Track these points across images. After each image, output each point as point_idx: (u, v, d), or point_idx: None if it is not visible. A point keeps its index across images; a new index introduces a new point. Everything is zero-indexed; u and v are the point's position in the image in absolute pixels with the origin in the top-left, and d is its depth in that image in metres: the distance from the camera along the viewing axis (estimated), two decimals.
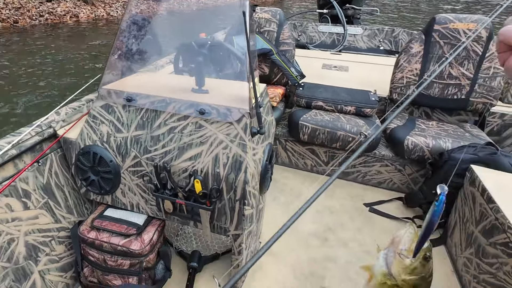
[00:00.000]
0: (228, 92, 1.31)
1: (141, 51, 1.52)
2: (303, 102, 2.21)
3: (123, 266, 1.28)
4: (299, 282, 1.42)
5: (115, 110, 1.27)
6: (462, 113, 2.24)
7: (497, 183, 1.39)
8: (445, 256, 1.60)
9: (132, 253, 1.26)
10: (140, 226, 1.32)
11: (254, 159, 1.20)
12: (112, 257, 1.27)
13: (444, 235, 1.68)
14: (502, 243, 1.19)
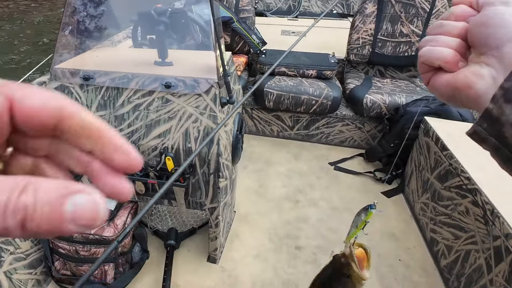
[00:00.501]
0: (193, 62, 1.21)
1: (95, 25, 1.34)
2: (266, 69, 2.15)
3: (97, 254, 1.19)
4: (275, 245, 1.43)
5: (72, 91, 1.13)
6: (412, 69, 2.29)
7: (449, 132, 1.45)
8: (404, 203, 1.68)
9: (106, 240, 1.17)
10: (111, 211, 1.23)
11: (225, 130, 1.14)
12: (85, 247, 1.18)
13: (401, 185, 1.76)
14: (456, 186, 1.26)
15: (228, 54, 1.36)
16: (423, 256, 1.38)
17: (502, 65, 0.28)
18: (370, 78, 2.22)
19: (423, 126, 1.59)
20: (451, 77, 0.31)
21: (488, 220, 1.05)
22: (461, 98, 0.31)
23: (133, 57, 1.30)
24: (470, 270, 1.11)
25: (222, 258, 1.37)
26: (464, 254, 1.15)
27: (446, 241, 1.28)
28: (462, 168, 1.23)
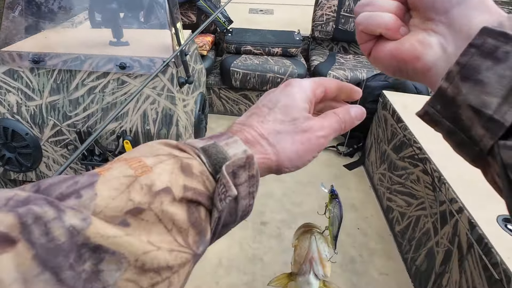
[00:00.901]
0: (149, 41, 1.14)
1: (46, 5, 1.20)
2: (233, 48, 2.07)
3: None
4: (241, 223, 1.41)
5: (22, 75, 1.04)
6: None
7: (404, 104, 1.46)
8: (364, 175, 1.71)
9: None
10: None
11: (185, 110, 1.08)
12: None
13: (362, 157, 1.78)
14: (409, 156, 1.28)
15: (187, 33, 1.28)
16: (379, 224, 1.41)
17: (452, 32, 0.24)
18: (334, 55, 2.19)
19: (382, 100, 1.59)
20: (394, 46, 0.26)
21: (435, 187, 1.08)
22: (408, 71, 0.26)
23: (87, 38, 1.22)
24: (419, 234, 1.15)
25: None
26: (415, 220, 1.19)
27: (400, 209, 1.31)
28: (414, 139, 1.24)
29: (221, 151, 0.25)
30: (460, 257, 0.92)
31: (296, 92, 0.29)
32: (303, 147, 0.28)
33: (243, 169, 0.24)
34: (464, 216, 0.92)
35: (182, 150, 0.25)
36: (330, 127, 0.29)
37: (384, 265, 1.23)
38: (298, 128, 0.28)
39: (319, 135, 0.28)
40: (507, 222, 0.88)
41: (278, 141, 0.27)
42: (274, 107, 0.29)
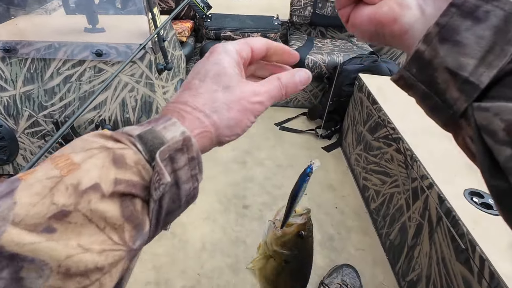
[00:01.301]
0: (126, 27, 1.08)
1: None
2: (212, 34, 2.00)
3: None
4: (224, 206, 1.40)
5: None
6: None
7: (379, 86, 1.45)
8: (341, 156, 1.72)
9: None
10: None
11: (165, 97, 1.04)
12: None
13: (339, 139, 1.79)
14: (384, 136, 1.28)
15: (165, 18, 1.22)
16: (356, 202, 1.43)
17: None
18: (312, 39, 2.16)
19: (358, 82, 1.59)
20: (372, 10, 0.25)
21: (408, 165, 1.09)
22: (385, 35, 0.25)
23: (61, 25, 1.14)
24: (393, 210, 1.17)
25: (172, 224, 1.31)
26: (389, 197, 1.21)
27: (375, 187, 1.33)
28: (388, 120, 1.24)
29: (158, 136, 0.23)
30: (430, 230, 0.94)
31: (223, 58, 0.28)
32: (239, 113, 0.27)
33: (181, 152, 0.23)
34: (434, 191, 0.93)
35: (117, 140, 0.23)
36: (267, 92, 0.28)
37: (361, 241, 1.26)
38: (232, 95, 0.27)
39: (253, 101, 0.27)
40: (473, 196, 0.90)
41: (214, 111, 0.26)
42: (204, 79, 0.27)
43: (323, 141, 1.81)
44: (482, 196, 0.90)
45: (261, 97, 0.28)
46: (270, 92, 0.28)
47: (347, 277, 1.04)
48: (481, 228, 0.80)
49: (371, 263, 1.17)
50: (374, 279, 1.12)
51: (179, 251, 1.21)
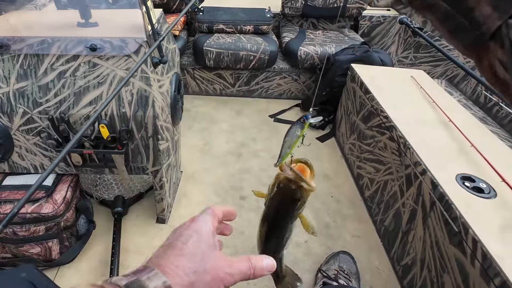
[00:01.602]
0: (119, 22, 1.05)
1: None
2: (205, 27, 1.96)
3: (39, 232, 1.05)
4: (221, 198, 1.39)
5: None
6: (341, 19, 2.24)
7: (371, 76, 1.45)
8: (335, 146, 1.72)
9: (45, 217, 1.03)
10: (49, 187, 1.08)
11: (161, 91, 1.02)
12: (23, 227, 1.04)
13: (333, 129, 1.78)
14: (377, 125, 1.28)
15: (158, 12, 1.20)
16: (351, 191, 1.44)
17: None
18: (304, 31, 2.14)
19: (350, 73, 1.58)
20: None
21: (401, 152, 1.09)
22: None
23: (53, 20, 1.10)
24: (387, 197, 1.18)
25: (171, 217, 1.30)
26: (383, 184, 1.21)
27: (369, 175, 1.33)
28: (381, 109, 1.24)
29: (143, 286, 0.26)
30: (424, 215, 0.95)
31: (202, 228, 0.34)
32: (213, 280, 0.31)
33: None
34: (427, 177, 0.94)
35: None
36: (237, 268, 0.33)
37: (356, 228, 1.27)
38: (208, 263, 0.31)
39: (226, 272, 0.32)
40: (464, 180, 0.91)
41: (193, 271, 0.30)
42: (186, 242, 0.32)
43: (316, 131, 1.81)
44: (473, 181, 0.91)
45: (232, 270, 0.32)
46: (240, 268, 0.33)
47: (344, 263, 1.04)
48: (473, 211, 0.81)
49: (367, 249, 1.18)
50: (369, 264, 1.13)
51: None
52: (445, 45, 1.76)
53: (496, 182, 0.89)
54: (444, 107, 1.22)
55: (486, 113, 1.42)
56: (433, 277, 0.90)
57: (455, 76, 1.64)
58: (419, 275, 0.96)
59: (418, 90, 1.37)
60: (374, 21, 2.32)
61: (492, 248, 0.72)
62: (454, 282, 0.81)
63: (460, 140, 1.07)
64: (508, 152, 1.03)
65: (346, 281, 0.98)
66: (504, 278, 0.66)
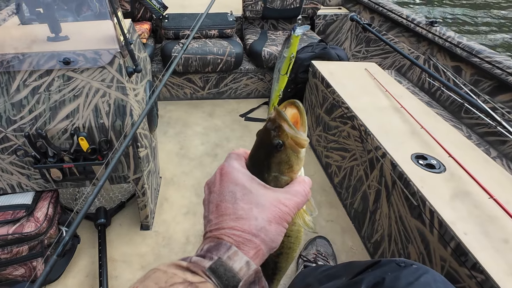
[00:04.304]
0: (91, 34, 1.00)
1: None
2: (171, 34, 1.91)
3: (22, 253, 0.98)
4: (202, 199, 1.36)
5: None
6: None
7: (330, 71, 1.49)
8: None
9: (28, 236, 0.96)
10: (29, 205, 1.01)
11: (137, 99, 0.98)
12: (5, 250, 0.96)
13: None
14: (339, 116, 1.32)
15: (128, 22, 1.15)
16: (322, 179, 1.48)
17: None
18: (265, 32, 2.14)
19: (311, 69, 1.61)
20: None
21: (363, 139, 1.14)
22: None
23: (21, 35, 1.02)
24: (354, 181, 1.22)
25: (154, 223, 1.26)
26: (349, 170, 1.26)
27: (337, 163, 1.38)
28: (342, 100, 1.28)
29: (229, 269, 0.25)
30: (387, 193, 1.00)
31: (238, 176, 0.30)
32: (277, 225, 0.29)
33: (253, 284, 0.25)
34: (387, 159, 0.99)
35: (194, 272, 0.25)
36: (293, 191, 0.31)
37: (329, 213, 1.31)
38: (267, 210, 0.28)
39: (284, 210, 0.29)
40: (418, 159, 0.97)
41: (259, 229, 0.28)
42: (235, 201, 0.29)
43: None
44: (425, 158, 0.97)
45: (288, 195, 0.30)
46: (297, 190, 0.31)
47: (321, 247, 1.07)
48: (427, 185, 0.87)
49: (340, 232, 1.22)
50: (344, 245, 1.17)
51: (164, 247, 1.17)
52: (391, 38, 1.86)
53: (445, 158, 0.96)
54: (395, 94, 1.29)
55: (431, 97, 1.52)
56: (400, 249, 0.95)
57: (402, 66, 1.74)
58: (388, 249, 1.01)
59: (372, 81, 1.43)
60: (328, 19, 2.38)
61: (446, 216, 0.77)
62: (417, 250, 0.87)
63: (411, 123, 1.13)
64: (452, 131, 1.11)
65: (324, 262, 1.01)
66: (457, 241, 0.72)
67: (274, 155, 0.32)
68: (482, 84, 1.35)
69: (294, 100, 0.34)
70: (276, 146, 0.31)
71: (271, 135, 0.31)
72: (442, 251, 0.77)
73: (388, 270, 0.55)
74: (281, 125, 0.31)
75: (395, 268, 0.55)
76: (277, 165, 0.32)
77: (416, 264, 0.56)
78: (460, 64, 1.44)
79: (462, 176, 0.89)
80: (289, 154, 0.32)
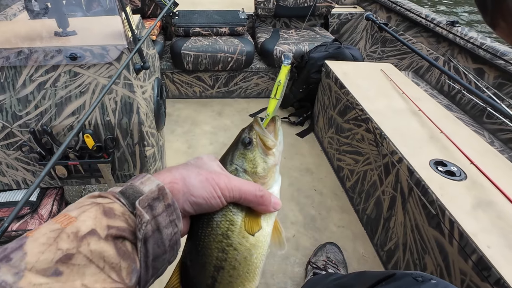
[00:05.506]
0: (99, 29, 1.00)
1: None
2: (181, 31, 1.91)
3: None
4: None
5: None
6: (311, 18, 2.25)
7: (344, 71, 1.46)
8: (315, 140, 1.72)
9: None
10: (33, 202, 1.02)
11: (144, 97, 0.98)
12: None
13: (311, 125, 1.79)
14: (353, 118, 1.29)
15: (137, 17, 1.15)
16: (333, 183, 1.45)
17: None
18: (277, 31, 2.13)
19: (324, 69, 1.58)
20: None
21: (378, 143, 1.11)
22: None
23: (28, 30, 1.02)
24: (368, 186, 1.19)
25: None
26: (363, 174, 1.23)
27: (349, 166, 1.34)
28: (356, 102, 1.25)
29: (138, 190, 0.26)
30: (403, 200, 0.97)
31: (203, 156, 0.32)
32: (206, 181, 0.28)
33: (157, 200, 0.25)
34: (403, 164, 0.95)
35: (104, 197, 0.26)
36: (237, 183, 0.29)
37: (340, 218, 1.28)
38: (203, 169, 0.29)
39: (224, 181, 0.28)
40: (437, 165, 0.93)
41: (186, 170, 0.29)
42: (187, 163, 0.31)
43: (296, 127, 1.81)
44: (445, 165, 0.93)
45: (232, 183, 0.29)
46: (243, 185, 0.29)
47: (331, 253, 1.05)
48: (447, 194, 0.83)
49: (352, 238, 1.19)
50: (355, 252, 1.14)
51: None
52: (409, 38, 1.81)
53: (465, 165, 0.92)
54: (413, 97, 1.25)
55: (450, 100, 1.48)
56: (415, 259, 0.92)
57: (420, 67, 1.69)
58: (402, 258, 0.98)
59: (388, 82, 1.40)
60: (343, 19, 2.35)
61: (467, 227, 0.74)
62: (435, 262, 0.83)
63: (430, 127, 1.10)
64: (473, 136, 1.07)
65: (334, 270, 0.98)
66: (480, 254, 0.69)
67: (240, 149, 0.34)
68: (506, 87, 1.29)
69: (274, 116, 0.38)
70: (244, 141, 0.33)
71: (243, 132, 0.35)
72: (462, 264, 0.74)
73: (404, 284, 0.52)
74: (252, 125, 0.35)
75: (412, 283, 0.52)
76: (241, 157, 0.33)
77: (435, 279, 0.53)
78: (483, 66, 1.39)
79: (485, 184, 0.85)
80: (255, 153, 0.33)
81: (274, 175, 0.34)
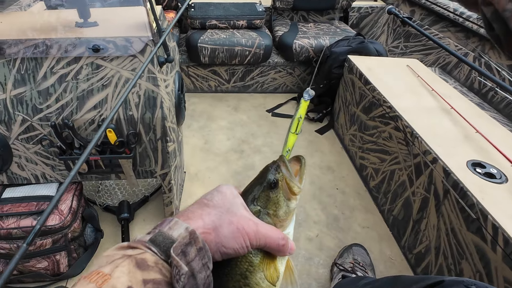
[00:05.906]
0: (121, 20, 0.97)
1: None
2: (198, 24, 1.87)
3: (45, 246, 0.97)
4: None
5: None
6: (330, 12, 2.19)
7: (369, 67, 1.41)
8: (334, 137, 1.68)
9: (52, 229, 0.95)
10: (53, 197, 1.00)
11: (167, 91, 0.95)
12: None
13: (331, 121, 1.75)
14: (380, 115, 1.25)
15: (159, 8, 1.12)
16: (355, 181, 1.41)
17: None
18: (295, 24, 2.07)
19: (347, 64, 1.54)
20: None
21: (408, 142, 1.06)
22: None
23: (48, 20, 1.00)
24: (395, 186, 1.15)
25: None
26: (389, 174, 1.19)
27: (374, 165, 1.30)
28: (384, 99, 1.21)
29: (167, 236, 0.26)
30: (437, 203, 0.93)
31: (225, 190, 0.32)
32: (238, 230, 0.28)
33: (190, 245, 0.25)
34: (438, 165, 0.91)
35: (134, 247, 0.25)
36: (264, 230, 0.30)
37: (365, 218, 1.24)
38: (234, 215, 0.29)
39: (252, 229, 0.29)
40: (475, 167, 0.89)
41: (218, 218, 0.28)
42: (212, 199, 0.31)
43: (315, 124, 1.77)
44: (483, 167, 0.89)
45: (260, 231, 0.29)
46: (268, 232, 0.30)
47: (358, 255, 1.02)
48: (489, 197, 0.79)
49: (377, 239, 1.16)
50: (382, 254, 1.11)
51: None
52: (435, 33, 1.75)
53: (506, 167, 0.88)
54: (443, 94, 1.20)
55: (482, 98, 1.42)
56: (449, 264, 0.88)
57: (448, 63, 1.63)
58: (434, 262, 0.94)
59: (416, 78, 1.34)
60: (363, 12, 2.28)
61: None
62: (473, 268, 0.80)
63: (464, 126, 1.05)
64: (511, 136, 1.02)
65: (362, 272, 0.95)
66: None
67: (265, 190, 0.34)
68: None
69: (299, 156, 0.38)
70: (270, 183, 0.34)
71: (269, 171, 0.34)
72: (507, 271, 0.70)
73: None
74: (280, 166, 0.35)
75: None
76: (265, 199, 0.34)
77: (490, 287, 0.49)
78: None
79: None
80: (279, 196, 0.34)
81: (293, 217, 0.35)
